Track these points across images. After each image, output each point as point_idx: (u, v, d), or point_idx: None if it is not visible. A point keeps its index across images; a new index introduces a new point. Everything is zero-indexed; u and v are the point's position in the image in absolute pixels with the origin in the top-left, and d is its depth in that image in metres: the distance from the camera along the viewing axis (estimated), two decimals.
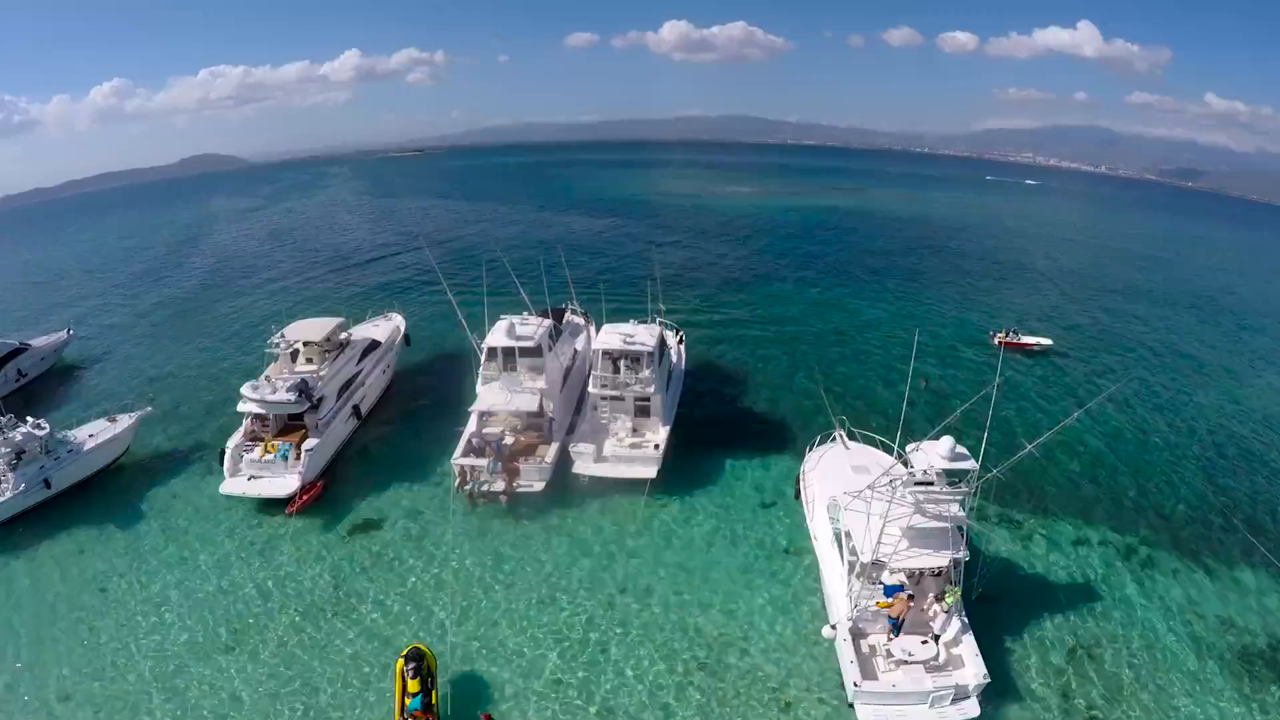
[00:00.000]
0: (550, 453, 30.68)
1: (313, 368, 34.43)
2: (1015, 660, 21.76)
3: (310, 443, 31.55)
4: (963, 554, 20.75)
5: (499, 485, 29.32)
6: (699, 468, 32.29)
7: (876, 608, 20.93)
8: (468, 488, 29.50)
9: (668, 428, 32.45)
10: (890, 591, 21.08)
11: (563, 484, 30.26)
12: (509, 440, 30.80)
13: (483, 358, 33.22)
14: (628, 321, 35.78)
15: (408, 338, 44.72)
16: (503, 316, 34.73)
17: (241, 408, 32.15)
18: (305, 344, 35.60)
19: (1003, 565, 25.99)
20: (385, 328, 43.37)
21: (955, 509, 20.69)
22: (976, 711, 19.06)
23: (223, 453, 31.61)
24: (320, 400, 32.88)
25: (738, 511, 29.40)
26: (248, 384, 32.21)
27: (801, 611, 23.74)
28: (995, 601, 23.50)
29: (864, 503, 21.53)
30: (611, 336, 33.54)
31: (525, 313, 36.49)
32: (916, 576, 21.67)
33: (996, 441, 23.39)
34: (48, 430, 31.62)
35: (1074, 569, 26.40)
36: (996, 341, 47.90)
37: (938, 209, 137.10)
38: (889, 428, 27.47)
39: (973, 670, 19.39)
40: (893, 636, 20.59)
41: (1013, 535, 28.19)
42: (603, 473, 30.20)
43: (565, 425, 33.55)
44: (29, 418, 31.94)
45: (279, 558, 27.18)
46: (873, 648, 20.80)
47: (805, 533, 26.84)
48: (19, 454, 30.14)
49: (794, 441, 34.06)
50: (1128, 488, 32.12)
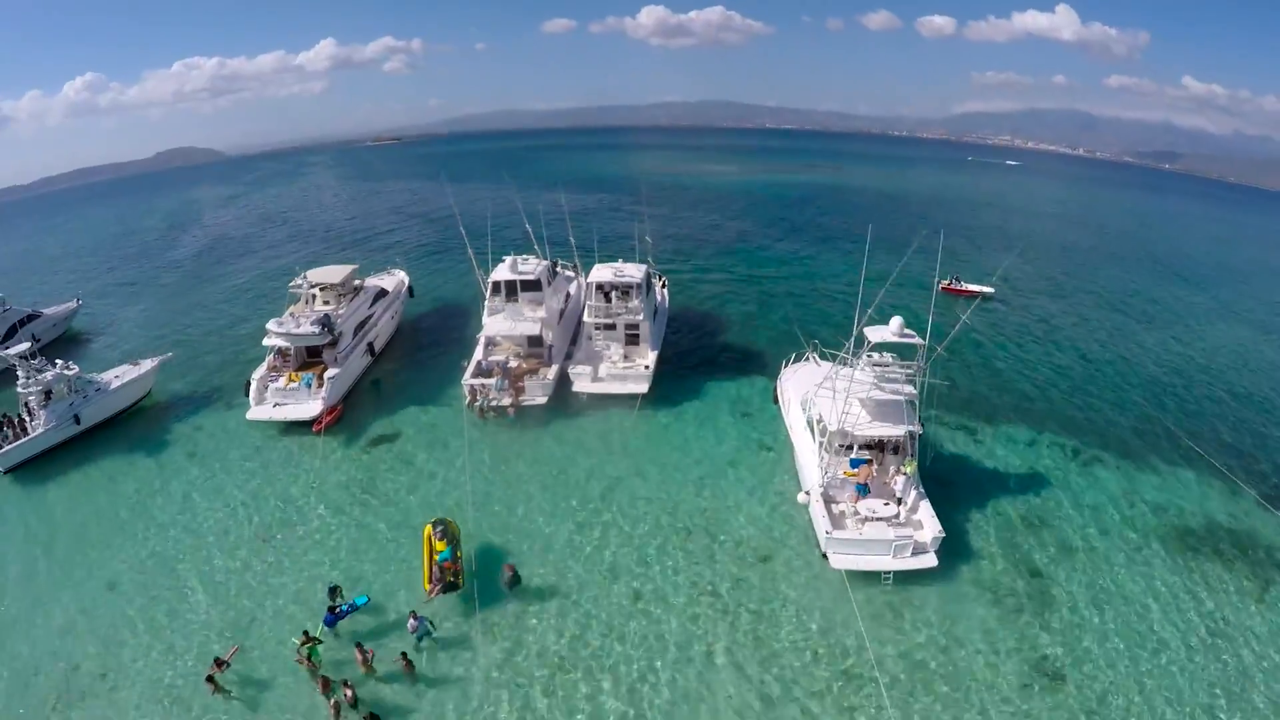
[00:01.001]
0: (551, 373, 33.93)
1: (330, 308, 37.21)
2: (971, 527, 25.02)
3: (331, 372, 34.39)
4: (917, 427, 24.08)
5: (506, 400, 32.42)
6: (685, 388, 35.65)
7: (844, 476, 24.23)
8: (478, 404, 32.57)
9: (656, 352, 35.77)
10: (856, 464, 24.50)
11: (563, 401, 33.49)
12: (513, 364, 33.86)
13: (487, 293, 36.24)
14: (617, 261, 38.93)
15: (411, 289, 47.54)
16: (505, 257, 37.69)
17: (267, 342, 34.94)
18: (323, 287, 38.51)
19: (960, 459, 29.58)
20: (391, 280, 46.28)
21: (907, 387, 24.02)
22: (935, 562, 22.24)
23: (248, 384, 34.28)
24: (339, 336, 35.69)
25: (720, 419, 32.86)
26: (273, 320, 35.03)
27: (776, 492, 27.09)
28: (952, 484, 26.99)
29: (830, 386, 24.82)
30: (603, 271, 36.93)
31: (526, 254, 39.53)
32: (878, 447, 25.00)
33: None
34: (76, 371, 34.10)
35: (1025, 463, 29.80)
36: (941, 287, 51.63)
37: (915, 186, 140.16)
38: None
39: (930, 528, 22.64)
40: (860, 498, 23.87)
41: (969, 438, 31.64)
42: (600, 389, 33.51)
43: (563, 353, 36.72)
44: (58, 360, 34.39)
45: (308, 465, 30.06)
46: (842, 511, 24.04)
47: (780, 435, 30.23)
48: (47, 393, 32.55)
49: (769, 367, 37.23)
50: (1078, 406, 35.50)
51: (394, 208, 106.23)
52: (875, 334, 24.63)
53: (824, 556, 22.85)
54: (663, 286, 45.54)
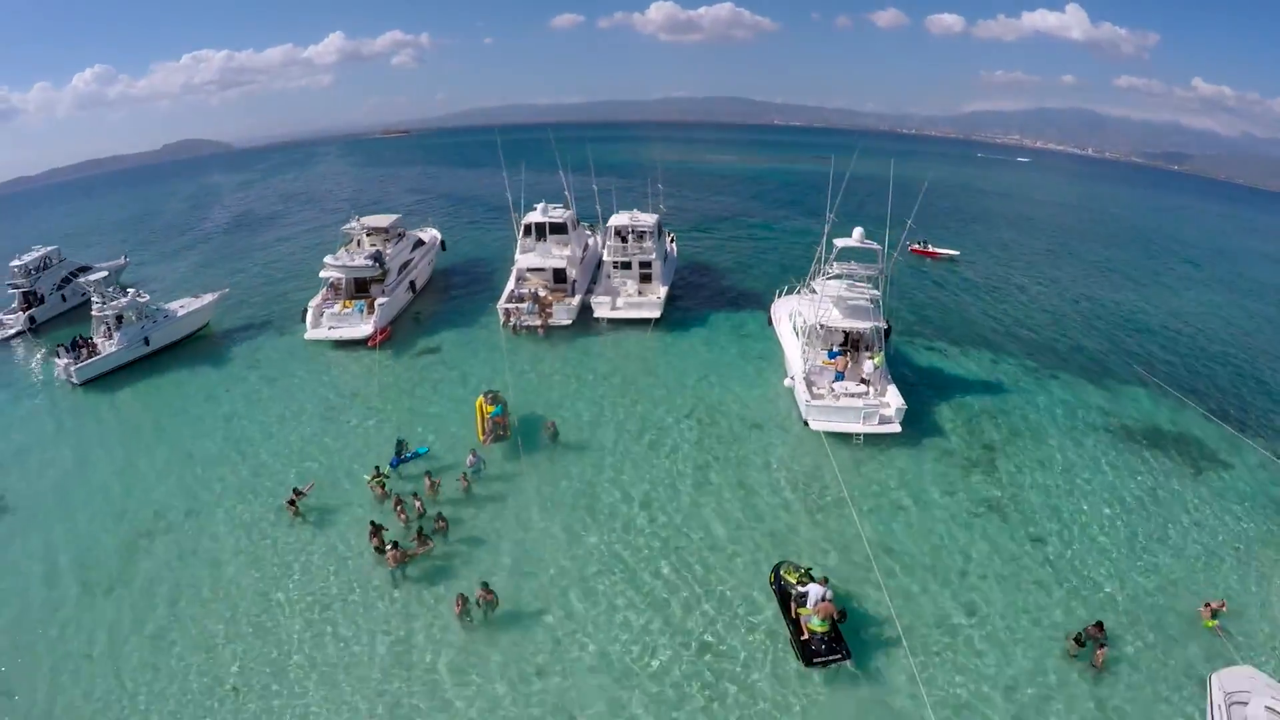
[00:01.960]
0: (575, 300, 39.16)
1: (378, 249, 42.06)
2: (934, 412, 29.69)
3: (381, 299, 39.20)
4: (882, 323, 28.98)
5: (535, 320, 37.53)
6: (692, 318, 40.95)
7: (823, 365, 29.00)
8: (511, 322, 37.80)
9: (666, 287, 40.73)
10: (833, 355, 29.38)
11: (585, 327, 38.72)
12: (542, 293, 38.84)
13: (519, 235, 41.47)
14: (632, 210, 44.14)
15: (443, 243, 52.42)
16: (536, 205, 43.05)
17: (323, 274, 39.90)
18: (372, 230, 43.63)
19: (930, 369, 34.33)
20: (427, 234, 51.38)
21: (872, 290, 29.25)
22: (899, 429, 26.89)
23: (305, 311, 39.00)
24: (387, 271, 40.57)
25: (722, 339, 38.14)
26: (329, 256, 39.95)
27: (768, 386, 31.97)
28: (919, 386, 31.70)
29: (810, 293, 29.71)
30: (621, 217, 42.54)
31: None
32: (853, 346, 29.85)
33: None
34: (147, 298, 38.84)
35: (986, 374, 34.39)
36: (911, 249, 56.80)
37: (923, 176, 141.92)
38: None
39: (895, 403, 27.28)
40: (836, 381, 28.61)
41: (938, 355, 36.41)
42: (618, 314, 38.79)
43: (584, 289, 41.69)
44: (129, 288, 39.03)
45: (367, 366, 35.26)
46: (821, 393, 28.57)
47: (773, 351, 35.03)
48: (119, 318, 37.03)
49: (766, 303, 41.48)
50: (1041, 341, 39.59)
51: (412, 188, 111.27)
52: (842, 241, 29.87)
53: (805, 424, 27.53)
54: (671, 241, 50.33)
